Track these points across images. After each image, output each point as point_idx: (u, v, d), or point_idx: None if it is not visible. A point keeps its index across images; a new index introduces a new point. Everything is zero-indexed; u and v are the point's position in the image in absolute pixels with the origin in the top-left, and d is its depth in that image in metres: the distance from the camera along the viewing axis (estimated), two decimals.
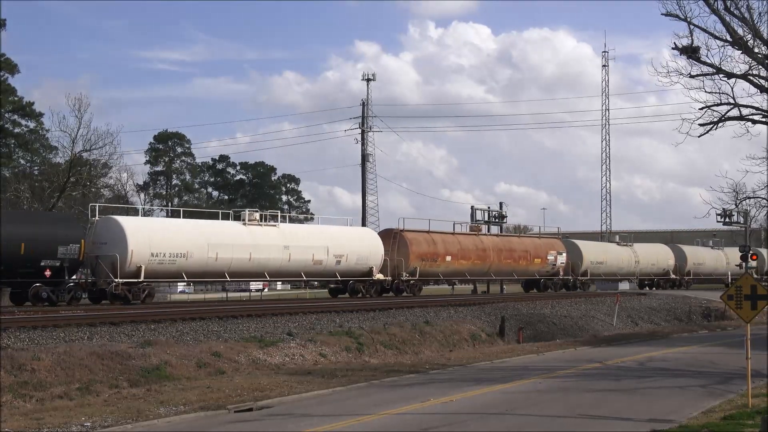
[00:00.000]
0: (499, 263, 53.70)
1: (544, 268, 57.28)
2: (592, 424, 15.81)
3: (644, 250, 68.71)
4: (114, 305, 34.01)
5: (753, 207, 69.42)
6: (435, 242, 49.28)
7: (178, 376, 21.66)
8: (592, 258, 61.83)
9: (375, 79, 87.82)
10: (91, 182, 60.74)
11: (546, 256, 57.27)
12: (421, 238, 48.62)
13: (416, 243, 47.96)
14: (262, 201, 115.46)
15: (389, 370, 24.35)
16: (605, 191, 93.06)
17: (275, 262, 40.34)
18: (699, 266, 73.22)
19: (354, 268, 44.28)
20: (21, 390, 18.77)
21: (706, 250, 76.53)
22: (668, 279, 69.22)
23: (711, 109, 26.98)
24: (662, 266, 69.67)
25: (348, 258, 43.74)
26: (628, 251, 66.30)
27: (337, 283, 44.82)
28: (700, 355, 28.83)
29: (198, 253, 36.86)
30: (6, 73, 66.55)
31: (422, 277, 48.57)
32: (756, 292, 17.15)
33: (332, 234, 44.65)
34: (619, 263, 64.99)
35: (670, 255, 70.26)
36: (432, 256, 48.72)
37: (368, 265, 44.81)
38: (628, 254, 65.97)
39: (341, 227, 47.69)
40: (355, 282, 44.26)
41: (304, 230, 46.02)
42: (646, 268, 67.95)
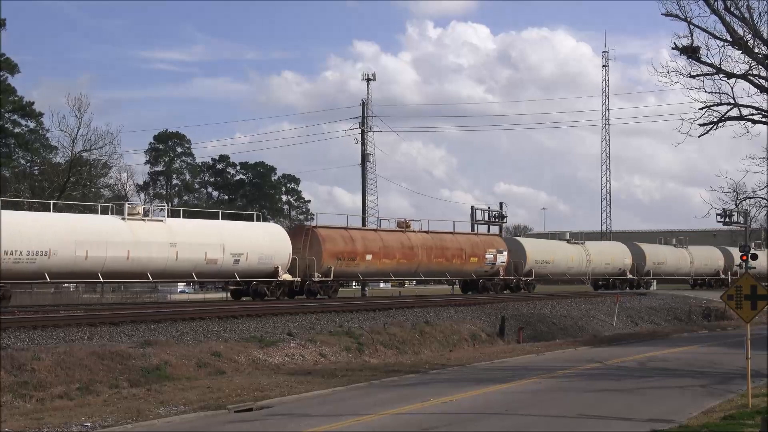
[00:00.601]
0: (429, 262, 49.61)
1: (482, 267, 53.00)
2: (592, 424, 15.81)
3: (598, 249, 64.60)
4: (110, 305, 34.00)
5: (753, 207, 69.54)
6: (353, 239, 45.32)
7: (178, 376, 21.65)
8: (538, 257, 57.38)
9: (375, 79, 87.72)
10: (91, 182, 60.82)
11: (484, 255, 52.82)
12: (336, 235, 44.69)
13: (330, 240, 44.01)
14: (262, 201, 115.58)
15: (389, 370, 24.35)
16: (605, 191, 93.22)
17: (159, 261, 36.52)
18: (659, 266, 68.50)
19: (256, 268, 40.32)
20: (21, 390, 18.77)
21: (668, 249, 71.98)
22: (624, 279, 64.79)
23: (711, 109, 26.97)
24: (618, 266, 64.99)
25: (248, 257, 39.75)
26: (579, 250, 61.82)
27: (238, 284, 40.96)
28: (700, 355, 28.84)
29: (63, 251, 33.18)
30: (6, 73, 66.61)
31: (338, 278, 44.66)
32: (756, 292, 17.16)
33: (230, 230, 40.69)
34: (568, 263, 60.48)
35: (626, 254, 65.73)
36: (349, 255, 44.64)
37: (273, 265, 40.81)
38: (578, 253, 61.46)
39: (243, 223, 44.23)
40: (259, 283, 40.43)
41: (197, 226, 40.50)
42: (599, 267, 63.42)
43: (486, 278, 53.24)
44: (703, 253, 74.31)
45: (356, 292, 60.30)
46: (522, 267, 55.52)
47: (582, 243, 62.74)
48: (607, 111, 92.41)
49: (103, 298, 54.78)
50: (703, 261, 73.18)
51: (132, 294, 57.55)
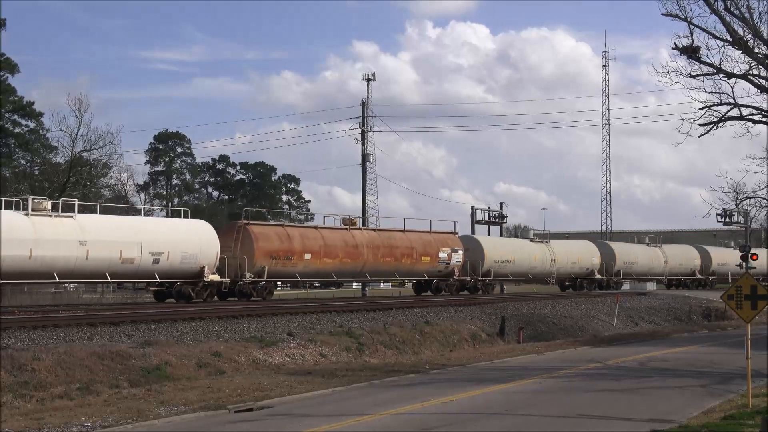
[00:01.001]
0: (376, 262, 46.64)
1: (435, 267, 50.18)
2: (592, 424, 15.81)
3: (564, 248, 61.49)
4: None
5: (753, 207, 69.64)
6: (291, 237, 42.40)
7: (178, 376, 21.66)
8: (497, 256, 54.35)
9: (375, 79, 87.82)
10: (91, 182, 60.81)
11: (437, 254, 49.93)
12: (271, 233, 41.90)
13: (265, 238, 41.21)
14: (262, 201, 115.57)
15: (389, 370, 24.36)
16: (605, 191, 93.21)
17: (67, 261, 33.99)
18: (631, 265, 65.72)
19: (179, 268, 37.45)
20: (21, 390, 18.77)
21: (640, 248, 69.27)
22: (593, 280, 61.65)
23: (711, 109, 27.00)
24: (585, 265, 61.97)
25: (170, 256, 36.85)
26: (543, 249, 58.94)
27: (160, 285, 37.79)
28: (701, 355, 28.84)
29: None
30: (6, 73, 66.63)
31: (273, 279, 41.99)
32: (756, 292, 17.16)
33: (149, 227, 37.62)
34: (530, 262, 57.59)
35: (595, 253, 62.65)
36: (286, 254, 41.77)
37: (198, 264, 37.99)
38: (542, 252, 58.62)
39: (164, 219, 41.14)
40: (183, 284, 37.67)
41: (110, 222, 37.34)
42: (565, 267, 60.33)
43: (440, 278, 50.53)
44: (678, 252, 72.11)
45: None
46: (480, 267, 52.54)
47: (546, 241, 60.22)
48: (607, 111, 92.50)
49: (103, 298, 54.81)
50: (677, 260, 70.64)
51: (132, 294, 57.52)
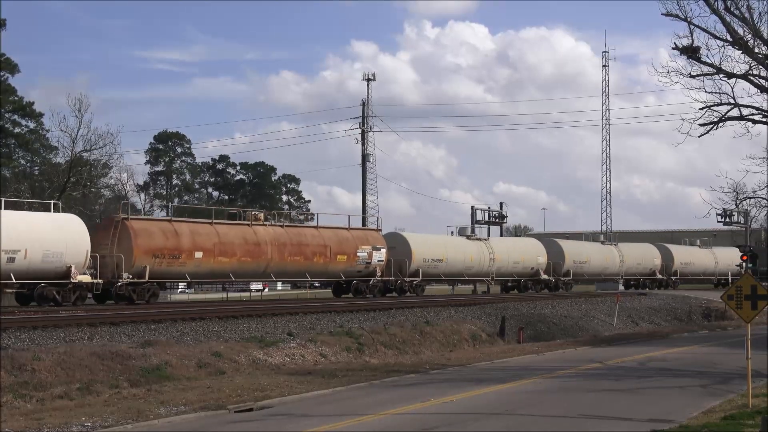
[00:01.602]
0: (283, 261, 42.00)
1: (353, 267, 45.56)
2: (592, 424, 15.81)
3: (505, 247, 57.22)
4: None
5: (753, 207, 69.56)
6: (178, 234, 37.93)
7: (178, 376, 21.67)
8: (426, 255, 50.14)
9: (375, 79, 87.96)
10: (91, 182, 60.80)
11: (355, 253, 45.37)
12: (155, 228, 37.55)
13: (146, 234, 36.71)
14: (262, 201, 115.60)
15: (389, 370, 24.36)
16: (605, 191, 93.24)
17: None
18: (582, 265, 61.70)
19: (40, 268, 33.04)
20: (21, 390, 18.78)
21: (593, 247, 64.87)
22: (538, 280, 57.58)
23: (711, 109, 27.00)
24: (530, 265, 57.66)
25: (28, 254, 32.51)
26: (481, 247, 54.33)
27: (21, 287, 33.21)
28: (701, 355, 28.85)
29: None
30: (6, 73, 66.65)
31: (157, 279, 37.21)
32: (756, 292, 17.16)
33: (3, 221, 32.31)
34: (465, 261, 53.12)
35: (541, 252, 58.57)
36: (172, 252, 37.28)
37: (65, 264, 33.61)
38: (480, 251, 54.06)
39: (21, 213, 35.56)
40: (47, 286, 33.11)
41: None
42: (506, 267, 55.79)
43: (360, 279, 45.73)
44: (636, 251, 68.34)
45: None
46: (407, 266, 48.30)
47: (485, 239, 56.27)
48: (607, 111, 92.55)
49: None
50: (635, 260, 66.62)
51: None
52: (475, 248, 54.14)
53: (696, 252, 73.63)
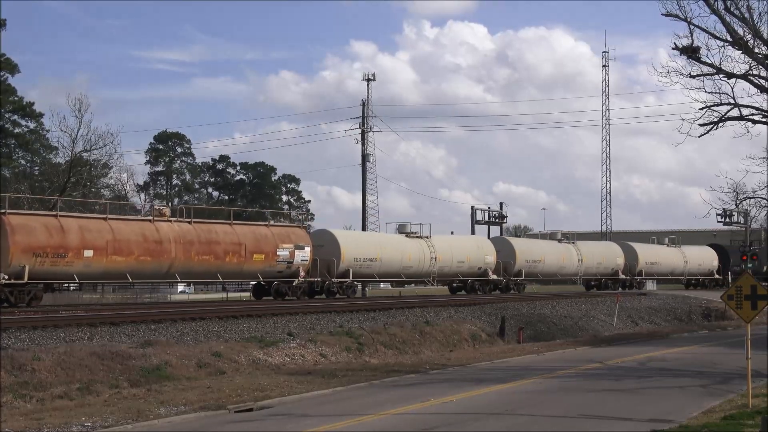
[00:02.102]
0: (189, 260, 37.81)
1: (273, 267, 41.34)
2: (592, 424, 15.81)
3: (448, 245, 52.31)
4: None
5: (753, 207, 69.74)
6: (65, 230, 34.17)
7: (178, 376, 21.67)
8: (358, 254, 46.33)
9: (375, 79, 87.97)
10: (91, 182, 60.80)
11: (275, 252, 41.14)
12: (36, 224, 33.72)
13: (24, 230, 32.91)
14: (262, 201, 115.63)
15: (389, 370, 24.36)
16: (605, 191, 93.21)
17: None
18: (535, 264, 57.55)
19: None
20: (21, 390, 18.78)
21: (549, 245, 60.51)
22: (487, 281, 53.45)
23: (711, 109, 27.02)
24: (476, 264, 53.25)
25: None
26: (421, 246, 50.04)
27: None
28: (701, 355, 28.85)
29: None
30: (6, 73, 66.67)
31: (39, 281, 33.47)
32: (756, 292, 17.16)
33: None
34: (403, 261, 48.88)
35: (490, 251, 53.89)
36: (57, 250, 33.62)
37: None
38: (420, 250, 49.82)
39: None
40: None
41: None
42: (449, 266, 51.50)
43: (281, 280, 41.77)
44: (597, 249, 64.00)
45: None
46: (335, 266, 44.73)
47: (427, 237, 51.43)
48: (607, 111, 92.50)
49: (103, 298, 54.67)
50: (595, 259, 61.97)
51: (132, 294, 57.41)
52: (415, 247, 49.94)
53: (663, 251, 69.10)
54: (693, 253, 71.17)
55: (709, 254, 72.38)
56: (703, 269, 71.64)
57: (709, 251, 72.74)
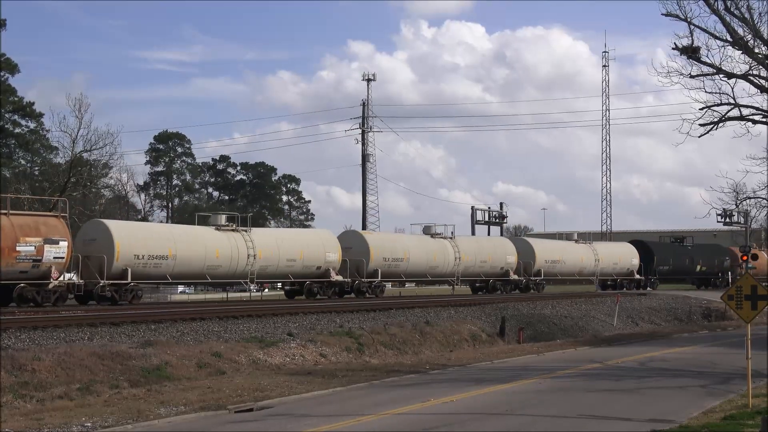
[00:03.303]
0: None
1: (13, 267, 31.98)
2: (592, 424, 15.82)
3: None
4: None
5: (753, 207, 69.65)
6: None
7: (178, 376, 21.67)
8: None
9: (375, 79, 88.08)
10: (91, 183, 60.74)
11: (14, 247, 31.84)
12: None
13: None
14: (262, 201, 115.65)
15: (390, 370, 24.37)
16: (605, 191, 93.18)
17: None
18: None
19: None
20: (21, 390, 18.79)
21: (413, 240, 51.03)
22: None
23: (711, 109, 27.03)
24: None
25: None
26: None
27: None
28: (701, 355, 28.85)
29: None
30: (6, 73, 66.67)
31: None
32: (756, 292, 17.17)
33: None
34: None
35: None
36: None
37: None
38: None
39: None
40: None
41: None
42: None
43: (29, 283, 32.51)
44: (479, 246, 53.77)
45: None
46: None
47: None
48: (607, 111, 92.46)
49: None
50: (477, 257, 52.10)
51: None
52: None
53: (569, 248, 60.54)
54: (607, 251, 63.22)
55: (627, 252, 63.92)
56: (620, 268, 62.84)
57: (627, 248, 64.52)
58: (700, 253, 70.94)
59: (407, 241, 50.17)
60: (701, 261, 70.04)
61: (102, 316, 27.00)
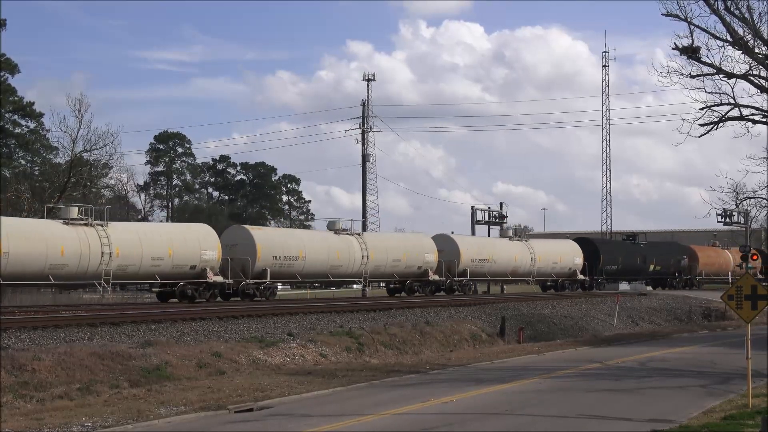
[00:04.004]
0: None
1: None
2: (592, 424, 15.82)
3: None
4: None
5: (753, 207, 69.68)
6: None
7: (178, 376, 21.67)
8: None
9: (375, 79, 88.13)
10: (91, 182, 60.76)
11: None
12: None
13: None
14: (262, 201, 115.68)
15: (390, 370, 24.37)
16: (605, 191, 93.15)
17: None
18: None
19: None
20: (21, 390, 18.78)
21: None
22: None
23: (711, 109, 27.05)
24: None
25: None
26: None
27: None
28: (701, 355, 28.85)
29: None
30: (6, 73, 66.67)
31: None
32: (756, 292, 17.17)
33: None
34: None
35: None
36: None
37: None
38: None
39: None
40: None
41: None
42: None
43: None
44: (393, 244, 49.73)
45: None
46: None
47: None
48: (607, 111, 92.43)
49: (103, 298, 54.49)
50: (389, 255, 48.16)
51: (132, 294, 57.17)
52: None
53: (501, 245, 55.83)
54: (546, 249, 58.06)
55: (569, 250, 59.36)
56: (560, 268, 58.30)
57: (569, 246, 59.92)
58: (653, 251, 67.33)
59: (303, 237, 46.54)
60: (655, 260, 66.26)
61: (102, 316, 27.00)
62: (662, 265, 67.08)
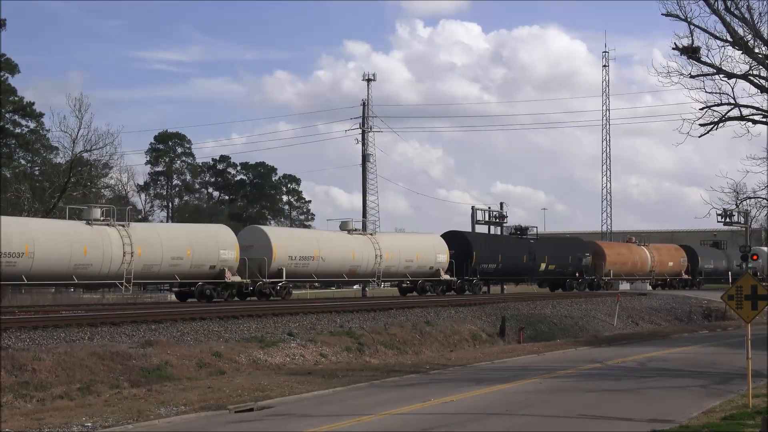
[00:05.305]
0: None
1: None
2: (592, 424, 15.82)
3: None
4: None
5: (753, 207, 69.66)
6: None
7: (178, 376, 21.68)
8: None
9: (375, 79, 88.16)
10: (91, 183, 60.76)
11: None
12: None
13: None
14: (262, 201, 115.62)
15: (390, 370, 24.37)
16: (605, 191, 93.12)
17: None
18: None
19: None
20: (22, 390, 18.79)
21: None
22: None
23: (711, 109, 27.06)
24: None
25: None
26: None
27: None
28: (701, 355, 28.85)
29: None
30: (6, 73, 66.68)
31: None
32: (756, 292, 17.17)
33: None
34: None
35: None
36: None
37: None
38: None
39: None
40: None
41: None
42: None
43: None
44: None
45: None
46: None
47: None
48: (607, 111, 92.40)
49: (103, 298, 54.58)
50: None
51: (132, 294, 57.13)
52: None
53: (331, 239, 46.44)
54: (397, 244, 49.21)
55: (430, 246, 50.51)
56: (417, 267, 49.37)
57: (431, 242, 51.02)
58: (546, 248, 59.06)
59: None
60: (547, 258, 58.01)
61: (102, 316, 27.01)
62: (557, 264, 58.84)
